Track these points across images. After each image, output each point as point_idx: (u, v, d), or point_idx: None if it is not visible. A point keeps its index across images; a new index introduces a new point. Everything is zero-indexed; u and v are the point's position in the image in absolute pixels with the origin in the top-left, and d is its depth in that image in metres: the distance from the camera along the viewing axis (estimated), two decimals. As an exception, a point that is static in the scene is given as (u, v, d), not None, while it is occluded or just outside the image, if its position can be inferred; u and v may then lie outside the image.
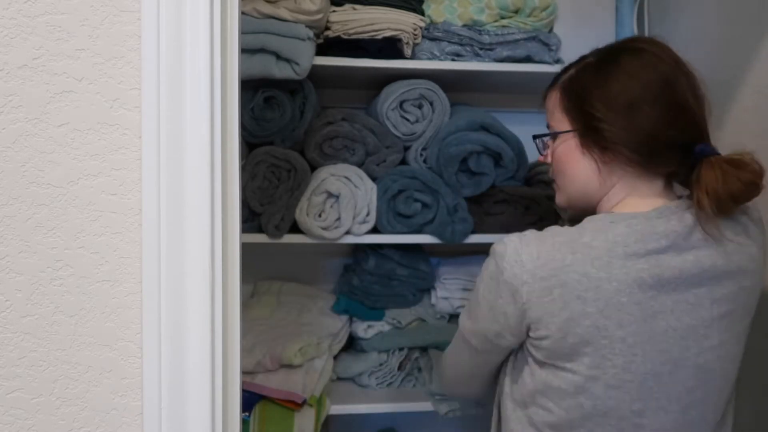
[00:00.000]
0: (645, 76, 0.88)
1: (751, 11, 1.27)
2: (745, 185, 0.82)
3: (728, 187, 0.82)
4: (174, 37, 0.63)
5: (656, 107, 0.87)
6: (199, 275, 0.64)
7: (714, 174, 0.83)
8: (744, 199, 0.84)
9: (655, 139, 0.87)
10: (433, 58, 1.49)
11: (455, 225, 1.45)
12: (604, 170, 0.91)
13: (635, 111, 0.87)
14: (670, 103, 0.87)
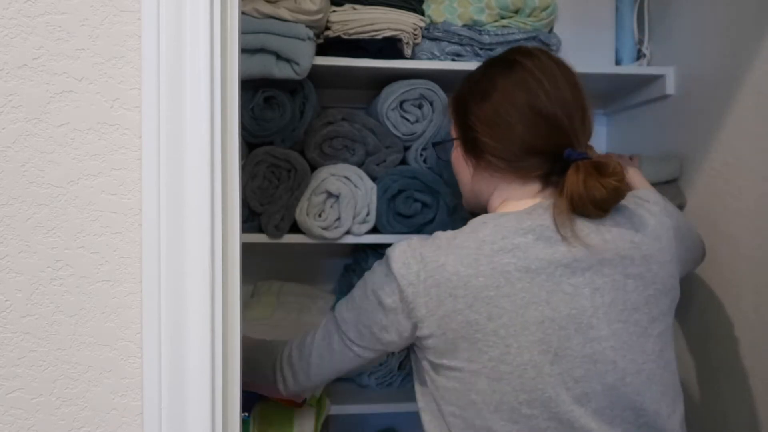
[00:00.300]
0: (511, 91, 0.96)
1: (751, 11, 1.27)
2: (609, 191, 0.87)
3: (590, 192, 0.87)
4: (174, 37, 0.63)
5: (522, 120, 0.94)
6: (199, 275, 0.64)
7: (576, 178, 0.88)
8: (609, 204, 0.89)
9: (521, 148, 0.94)
10: (433, 58, 1.49)
11: (455, 225, 1.45)
12: (477, 176, 1.02)
13: (503, 124, 0.95)
14: (536, 117, 0.94)
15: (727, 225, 1.31)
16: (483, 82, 1.01)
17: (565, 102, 0.94)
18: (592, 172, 0.88)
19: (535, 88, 0.95)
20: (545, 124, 0.94)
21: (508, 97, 0.96)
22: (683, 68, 1.51)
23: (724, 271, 1.29)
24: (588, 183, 0.87)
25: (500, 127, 0.95)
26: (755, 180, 1.25)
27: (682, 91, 1.51)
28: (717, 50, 1.38)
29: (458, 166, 1.07)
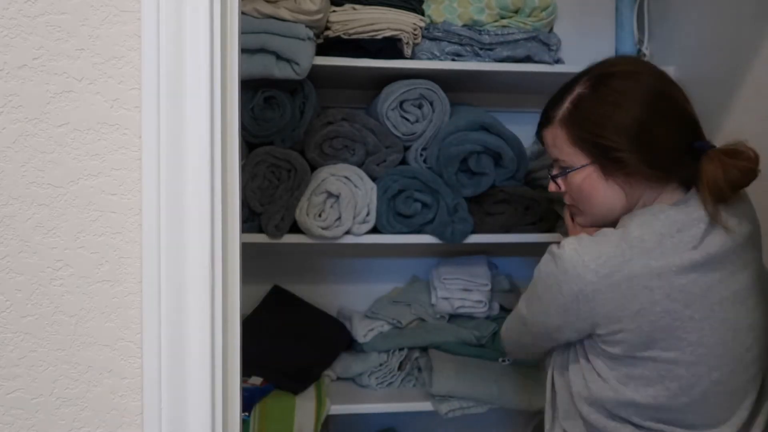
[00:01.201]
0: (644, 97, 0.95)
1: (751, 11, 1.27)
2: (743, 173, 0.91)
3: (728, 176, 0.90)
4: (174, 37, 0.63)
5: (662, 122, 0.94)
6: (199, 275, 0.64)
7: (713, 166, 0.91)
8: (743, 185, 0.93)
9: (669, 151, 0.94)
10: (433, 58, 1.49)
11: (455, 225, 1.45)
12: (630, 191, 0.98)
13: (646, 132, 0.94)
14: (671, 114, 0.95)
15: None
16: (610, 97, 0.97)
17: (684, 92, 0.97)
18: (726, 159, 0.91)
19: (657, 84, 0.96)
20: (679, 118, 0.96)
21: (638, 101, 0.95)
22: (683, 68, 1.50)
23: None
24: (726, 168, 0.90)
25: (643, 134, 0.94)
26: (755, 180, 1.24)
27: (682, 91, 1.51)
28: (717, 50, 1.38)
29: (593, 190, 1.00)
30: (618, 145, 0.95)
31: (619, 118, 0.95)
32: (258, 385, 1.46)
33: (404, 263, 1.80)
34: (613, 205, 1.00)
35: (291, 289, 1.74)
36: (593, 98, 0.98)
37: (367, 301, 1.75)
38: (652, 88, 0.96)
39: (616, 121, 0.95)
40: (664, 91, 0.96)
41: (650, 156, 0.94)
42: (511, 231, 1.53)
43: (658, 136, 0.94)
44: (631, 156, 0.94)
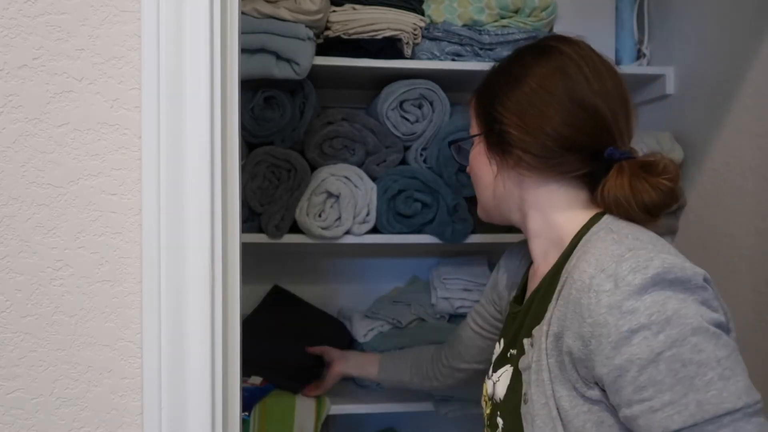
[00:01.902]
0: (547, 77, 0.84)
1: (751, 11, 1.27)
2: (659, 192, 0.77)
3: (637, 195, 0.77)
4: (174, 37, 0.63)
5: (559, 110, 0.82)
6: (199, 275, 0.64)
7: (620, 181, 0.78)
8: (661, 208, 0.78)
9: (556, 142, 0.82)
10: (433, 58, 1.49)
11: (455, 225, 1.45)
12: (504, 175, 0.88)
13: (534, 113, 0.83)
14: (576, 107, 0.82)
15: (727, 225, 1.31)
16: (513, 68, 0.88)
17: (608, 94, 0.83)
18: (638, 173, 0.78)
19: (576, 75, 0.83)
20: (586, 116, 0.82)
21: (543, 84, 0.84)
22: (683, 68, 1.50)
23: (724, 271, 1.29)
24: (635, 185, 0.77)
25: (533, 117, 0.83)
26: (755, 180, 1.24)
27: (682, 91, 1.51)
28: (717, 50, 1.38)
29: (478, 166, 0.93)
30: (503, 117, 0.85)
31: (514, 91, 0.85)
32: (258, 384, 1.46)
33: (404, 263, 1.80)
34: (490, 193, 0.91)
35: (291, 289, 1.74)
36: (503, 69, 0.91)
37: (367, 301, 1.75)
38: (564, 71, 0.83)
39: (509, 93, 0.86)
40: (576, 80, 0.83)
41: (532, 139, 0.83)
42: (511, 231, 1.53)
43: (548, 123, 0.82)
44: (512, 133, 0.84)
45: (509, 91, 0.86)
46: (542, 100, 0.83)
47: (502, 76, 0.90)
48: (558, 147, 0.82)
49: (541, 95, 0.83)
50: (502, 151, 0.87)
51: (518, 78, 0.86)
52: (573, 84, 0.83)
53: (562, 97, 0.83)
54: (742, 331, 1.27)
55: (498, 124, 0.86)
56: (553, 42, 0.88)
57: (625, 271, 0.69)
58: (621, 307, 0.68)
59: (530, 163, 0.84)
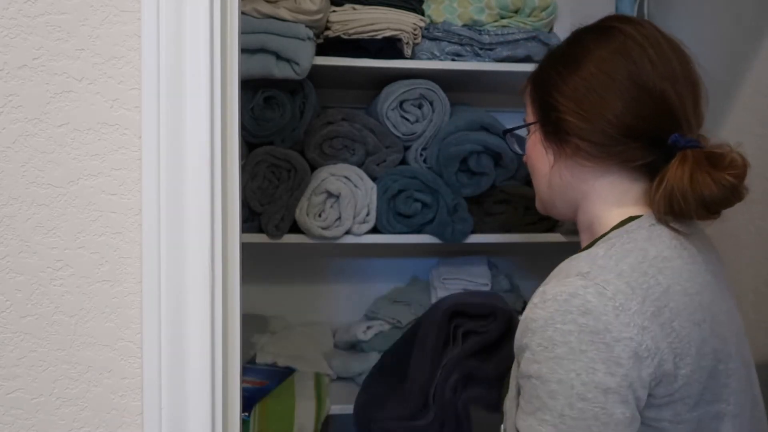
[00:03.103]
0: (608, 60, 0.78)
1: (751, 11, 1.27)
2: (722, 188, 0.70)
3: (696, 188, 0.70)
4: (174, 37, 0.63)
5: (621, 95, 0.76)
6: (199, 275, 0.64)
7: (680, 170, 0.71)
8: (721, 205, 0.72)
9: (617, 130, 0.76)
10: (433, 58, 1.49)
11: (455, 225, 1.45)
12: (561, 165, 0.83)
13: (594, 98, 0.77)
14: (640, 92, 0.76)
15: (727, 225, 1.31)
16: (570, 51, 0.82)
17: (675, 77, 0.76)
18: (702, 164, 0.71)
19: (639, 57, 0.77)
20: (650, 101, 0.76)
21: (603, 67, 0.77)
22: (683, 68, 1.50)
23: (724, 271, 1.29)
24: (695, 177, 0.70)
25: (592, 103, 0.77)
26: (755, 180, 1.24)
27: (682, 91, 1.51)
28: (717, 50, 1.38)
29: (534, 156, 0.87)
30: (561, 105, 0.79)
31: (571, 74, 0.79)
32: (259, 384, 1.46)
33: (404, 263, 1.80)
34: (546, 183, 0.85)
35: (291, 289, 1.74)
36: (558, 53, 0.85)
37: (367, 301, 1.75)
38: (626, 53, 0.77)
39: (566, 77, 0.80)
40: (640, 63, 0.77)
41: (591, 127, 0.77)
42: (511, 231, 1.53)
43: (608, 109, 0.76)
44: (569, 120, 0.78)
45: (566, 76, 0.80)
46: (602, 84, 0.77)
47: (558, 60, 0.84)
48: (619, 134, 0.76)
49: (601, 79, 0.77)
50: (559, 139, 0.82)
51: (576, 61, 0.80)
52: (636, 67, 0.77)
53: (623, 81, 0.76)
54: (742, 331, 1.27)
55: (554, 112, 0.81)
56: (614, 22, 0.82)
57: (549, 294, 0.69)
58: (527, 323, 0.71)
59: (589, 151, 0.79)
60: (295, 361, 1.57)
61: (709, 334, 0.70)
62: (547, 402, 0.68)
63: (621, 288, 0.67)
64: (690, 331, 0.68)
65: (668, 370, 0.67)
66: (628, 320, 0.66)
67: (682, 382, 0.68)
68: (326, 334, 1.69)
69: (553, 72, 0.83)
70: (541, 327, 0.69)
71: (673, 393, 0.68)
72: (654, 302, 0.68)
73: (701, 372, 0.69)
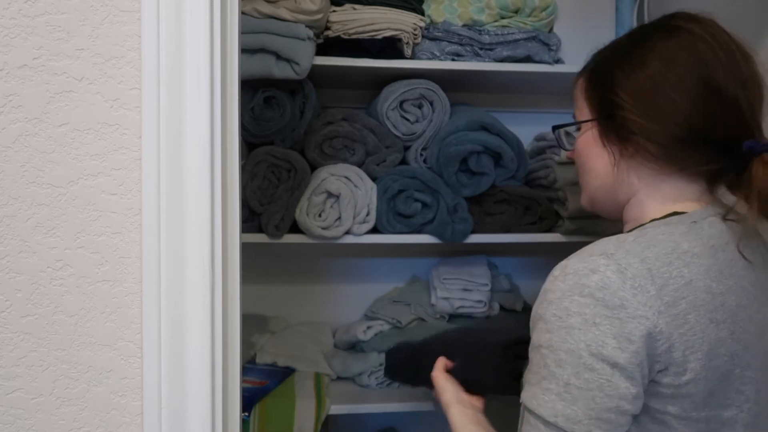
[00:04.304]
0: (677, 59, 0.75)
1: (751, 11, 1.27)
2: None
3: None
4: (174, 37, 0.63)
5: (688, 95, 0.74)
6: (199, 275, 0.64)
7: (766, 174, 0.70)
8: None
9: (684, 131, 0.74)
10: (433, 58, 1.49)
11: (455, 225, 1.45)
12: (622, 165, 0.80)
13: (662, 98, 0.75)
14: (710, 93, 0.74)
15: (727, 225, 1.31)
16: (635, 47, 0.79)
17: (744, 81, 0.74)
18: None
19: (709, 57, 0.74)
20: (720, 104, 0.73)
21: (672, 66, 0.75)
22: (683, 68, 1.50)
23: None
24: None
25: (659, 102, 0.75)
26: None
27: (682, 91, 1.51)
28: (717, 50, 1.38)
29: (589, 153, 0.84)
30: (622, 100, 0.77)
31: (636, 72, 0.77)
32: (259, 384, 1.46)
33: (404, 263, 1.80)
34: (603, 178, 0.83)
35: (291, 289, 1.74)
36: (624, 49, 0.81)
37: (367, 301, 1.75)
38: (695, 53, 0.75)
39: (631, 74, 0.77)
40: (710, 63, 0.74)
41: (657, 127, 0.75)
42: (511, 231, 1.53)
43: (675, 109, 0.74)
44: (633, 119, 0.76)
45: (630, 73, 0.77)
46: (671, 83, 0.74)
47: (621, 56, 0.81)
48: (687, 137, 0.74)
49: (669, 78, 0.75)
50: (620, 138, 0.79)
51: (642, 58, 0.77)
52: (707, 69, 0.74)
53: (694, 82, 0.74)
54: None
55: (617, 109, 0.78)
56: (680, 21, 0.79)
57: (570, 269, 0.70)
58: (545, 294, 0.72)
59: (653, 153, 0.76)
60: (295, 361, 1.57)
61: (728, 336, 0.69)
62: (555, 371, 0.69)
63: (642, 272, 0.68)
64: (705, 327, 0.68)
65: (677, 359, 0.67)
66: (645, 300, 0.66)
67: (691, 377, 0.68)
68: (326, 334, 1.69)
69: (614, 67, 0.80)
70: (558, 298, 0.69)
71: (679, 386, 0.68)
72: (672, 292, 0.67)
73: (713, 371, 0.68)
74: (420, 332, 1.59)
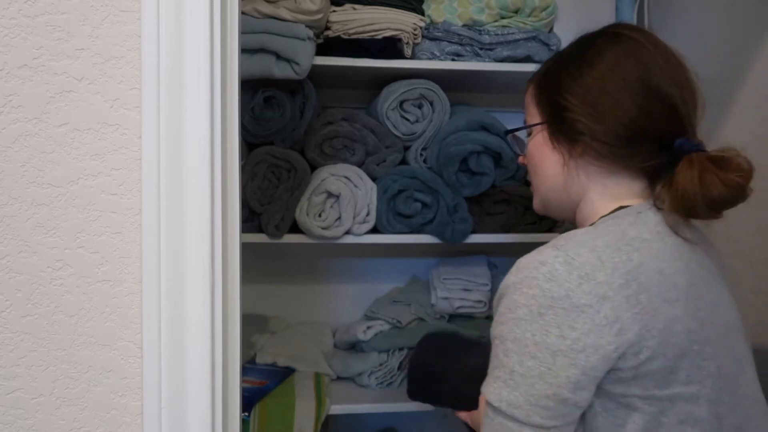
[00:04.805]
0: (620, 63, 0.80)
1: (751, 11, 1.27)
2: (730, 188, 0.73)
3: (706, 188, 0.73)
4: (174, 37, 0.63)
5: (631, 97, 0.79)
6: (199, 275, 0.64)
7: (690, 173, 0.74)
8: (726, 205, 0.75)
9: (627, 130, 0.79)
10: (433, 58, 1.49)
11: (455, 225, 1.45)
12: (571, 165, 0.84)
13: (607, 100, 0.80)
14: (651, 95, 0.79)
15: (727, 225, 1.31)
16: (581, 53, 0.84)
17: (680, 83, 0.80)
18: (709, 166, 0.74)
19: (649, 61, 0.79)
20: (661, 104, 0.78)
21: (616, 69, 0.80)
22: (683, 68, 1.50)
23: (724, 271, 1.29)
24: (705, 178, 0.73)
25: (604, 103, 0.79)
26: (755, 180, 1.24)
27: (682, 91, 1.51)
28: (717, 50, 1.38)
29: (540, 156, 0.88)
30: (570, 103, 0.81)
31: (582, 75, 0.82)
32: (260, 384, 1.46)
33: (404, 263, 1.80)
34: (554, 179, 0.86)
35: (291, 289, 1.74)
36: (570, 55, 0.86)
37: (367, 301, 1.75)
38: (636, 57, 0.80)
39: (577, 78, 0.82)
40: (650, 67, 0.80)
41: (603, 127, 0.79)
42: (511, 231, 1.53)
43: (619, 109, 0.79)
44: (581, 120, 0.80)
45: (578, 77, 0.82)
46: (616, 86, 0.79)
47: (568, 62, 0.85)
48: (631, 136, 0.79)
49: (614, 81, 0.80)
50: (568, 139, 0.84)
51: (588, 62, 0.82)
52: (648, 71, 0.79)
53: (636, 84, 0.79)
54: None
55: (566, 112, 0.82)
56: (621, 29, 0.84)
57: (523, 263, 0.75)
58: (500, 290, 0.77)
59: (600, 151, 0.81)
60: (295, 361, 1.57)
61: (682, 314, 0.72)
62: (503, 359, 0.73)
63: (590, 260, 0.71)
64: (658, 306, 0.71)
65: (631, 339, 0.70)
66: (590, 289, 0.70)
67: (648, 354, 0.70)
68: (326, 334, 1.69)
69: (562, 72, 0.85)
70: (510, 292, 0.74)
71: (638, 365, 0.70)
72: (623, 275, 0.71)
73: (670, 348, 0.71)
74: (420, 332, 1.59)
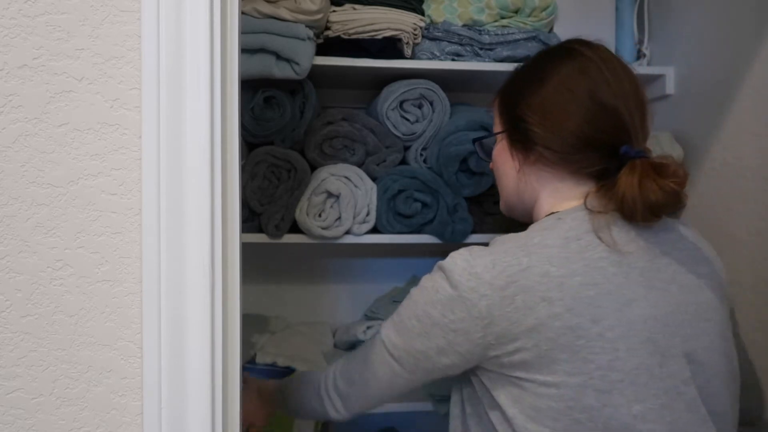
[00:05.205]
0: (571, 78, 0.89)
1: (751, 12, 1.27)
2: (665, 194, 0.79)
3: (645, 193, 0.80)
4: (174, 37, 0.63)
5: (580, 110, 0.87)
6: (199, 275, 0.64)
7: (631, 178, 0.81)
8: (664, 209, 0.81)
9: (577, 140, 0.87)
10: (433, 58, 1.49)
11: (455, 225, 1.45)
12: (525, 171, 0.94)
13: (558, 112, 0.88)
14: (596, 107, 0.87)
15: (727, 225, 1.31)
16: (537, 68, 0.94)
17: (626, 95, 0.88)
18: (649, 173, 0.81)
19: (597, 76, 0.88)
20: (605, 115, 0.87)
21: (566, 84, 0.89)
22: (683, 68, 1.50)
23: (724, 271, 1.29)
24: (644, 184, 0.80)
25: (555, 115, 0.88)
26: (755, 180, 1.24)
27: (682, 91, 1.51)
28: (717, 50, 1.38)
29: (501, 162, 0.99)
30: (528, 117, 0.90)
31: (536, 89, 0.91)
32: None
33: (404, 263, 1.80)
34: (513, 184, 0.97)
35: (291, 289, 1.74)
36: (525, 70, 0.97)
37: (367, 301, 1.75)
38: (584, 72, 0.88)
39: (532, 91, 0.91)
40: (596, 81, 0.88)
41: (553, 136, 0.88)
42: (511, 231, 1.53)
43: (567, 119, 0.87)
44: (534, 130, 0.90)
45: (533, 91, 0.92)
46: (565, 99, 0.88)
47: (526, 76, 0.95)
48: (578, 144, 0.88)
49: (564, 94, 0.89)
50: (525, 147, 0.93)
51: (542, 78, 0.92)
52: (594, 85, 0.88)
53: (583, 96, 0.88)
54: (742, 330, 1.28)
55: (522, 122, 0.92)
56: (575, 45, 0.93)
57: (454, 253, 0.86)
58: None
59: (551, 159, 0.90)
60: (295, 361, 1.57)
61: (565, 311, 0.78)
62: (401, 311, 0.90)
63: (485, 262, 0.82)
64: (534, 305, 0.78)
65: (498, 332, 0.80)
66: (474, 285, 0.80)
67: (518, 345, 0.79)
68: (326, 334, 1.69)
69: (521, 86, 0.95)
70: (435, 269, 0.88)
71: (511, 353, 0.80)
72: (506, 278, 0.80)
73: (545, 342, 0.78)
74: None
